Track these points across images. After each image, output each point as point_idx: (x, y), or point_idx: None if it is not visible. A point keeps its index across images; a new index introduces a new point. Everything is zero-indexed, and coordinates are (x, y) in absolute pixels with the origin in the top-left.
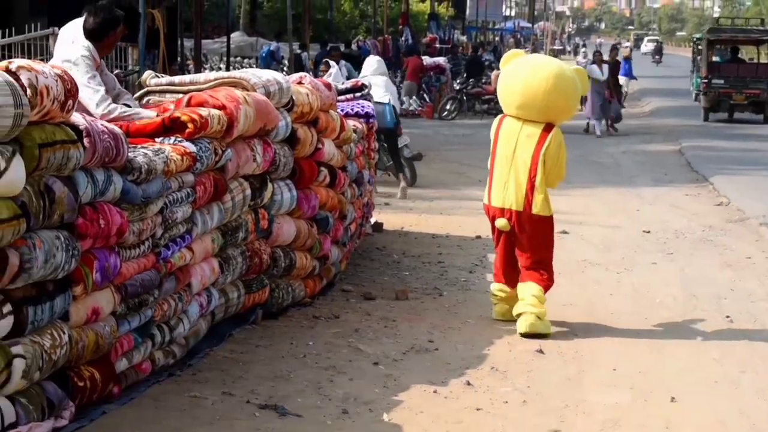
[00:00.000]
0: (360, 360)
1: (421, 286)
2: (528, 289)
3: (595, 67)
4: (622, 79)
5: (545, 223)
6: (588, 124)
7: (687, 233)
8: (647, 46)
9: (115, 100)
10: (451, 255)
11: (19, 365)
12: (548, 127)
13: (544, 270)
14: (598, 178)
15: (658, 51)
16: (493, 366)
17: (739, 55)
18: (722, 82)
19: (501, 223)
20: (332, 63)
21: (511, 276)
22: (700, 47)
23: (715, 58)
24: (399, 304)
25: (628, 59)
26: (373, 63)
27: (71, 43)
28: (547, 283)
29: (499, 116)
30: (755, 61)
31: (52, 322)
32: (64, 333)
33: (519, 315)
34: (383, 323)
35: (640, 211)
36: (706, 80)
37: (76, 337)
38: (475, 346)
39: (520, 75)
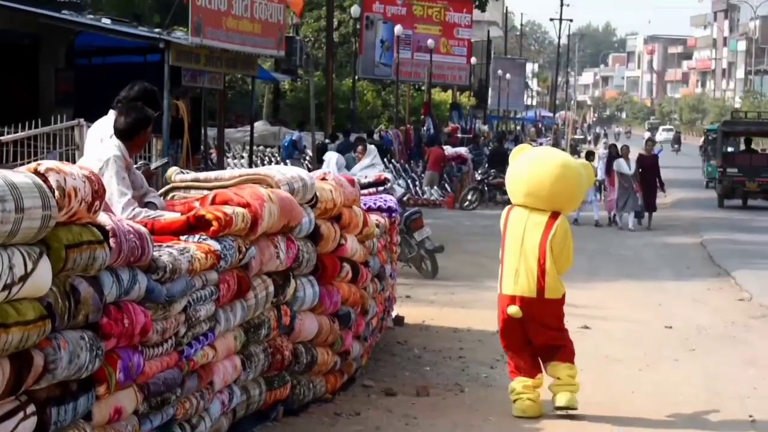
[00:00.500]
0: None
1: (442, 381)
2: (560, 370)
3: (622, 161)
4: None
5: (557, 304)
6: (611, 217)
7: (709, 329)
8: (662, 135)
9: (141, 198)
10: (472, 349)
11: None
12: (554, 215)
13: (563, 345)
14: (619, 271)
15: (677, 140)
16: None
17: (752, 146)
18: (736, 170)
19: (512, 310)
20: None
21: (528, 366)
22: (710, 138)
23: (729, 149)
24: (420, 401)
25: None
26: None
27: (100, 141)
28: (571, 356)
29: (508, 207)
30: (767, 151)
31: (75, 422)
32: None
33: (556, 392)
34: (404, 420)
35: (662, 305)
36: (721, 169)
37: None
38: None
39: (527, 166)
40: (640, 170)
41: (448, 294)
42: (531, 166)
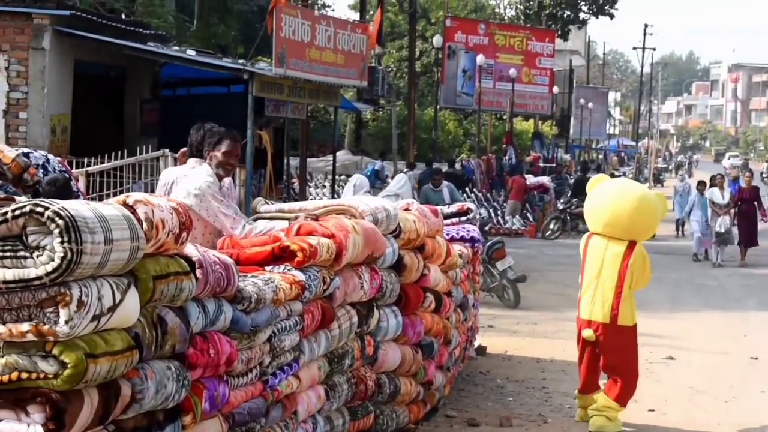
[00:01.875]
0: None
1: (525, 412)
2: (601, 399)
3: (715, 190)
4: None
5: (629, 333)
6: (697, 254)
7: None
8: (729, 161)
9: None
10: (555, 380)
11: None
12: (631, 245)
13: (622, 378)
14: (703, 302)
15: (746, 167)
16: None
17: None
18: None
19: (587, 333)
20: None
21: (592, 385)
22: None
23: None
24: (503, 431)
25: (736, 179)
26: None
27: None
28: (623, 397)
29: (587, 234)
30: None
31: None
32: None
33: (591, 417)
34: None
35: (747, 336)
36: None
37: None
38: None
39: (607, 197)
40: (739, 202)
41: (531, 324)
42: (611, 198)
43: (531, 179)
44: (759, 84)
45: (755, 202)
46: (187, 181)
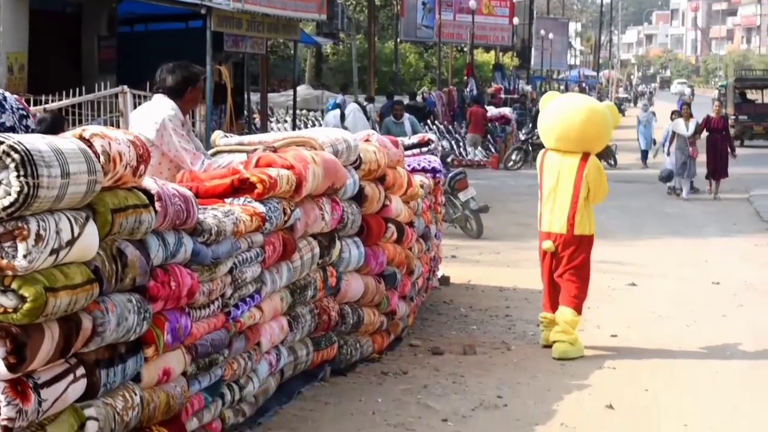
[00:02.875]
0: (429, 417)
1: (489, 340)
2: (562, 316)
3: (680, 121)
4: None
5: (586, 241)
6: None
7: (757, 284)
8: (677, 87)
9: None
10: (518, 308)
11: (91, 427)
12: (585, 157)
13: (575, 284)
14: (666, 229)
15: (692, 93)
16: (562, 422)
17: (756, 98)
18: (746, 117)
19: (547, 245)
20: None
21: (555, 302)
22: (722, 93)
23: (736, 100)
24: (467, 359)
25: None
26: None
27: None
28: (578, 302)
29: (542, 151)
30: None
31: (124, 384)
32: (135, 394)
33: (554, 342)
34: (452, 379)
35: (708, 262)
36: (734, 116)
37: (147, 399)
38: (544, 401)
39: (559, 111)
40: (707, 133)
41: (494, 253)
42: (561, 112)
43: (492, 110)
44: (719, 12)
45: (724, 133)
46: (148, 113)
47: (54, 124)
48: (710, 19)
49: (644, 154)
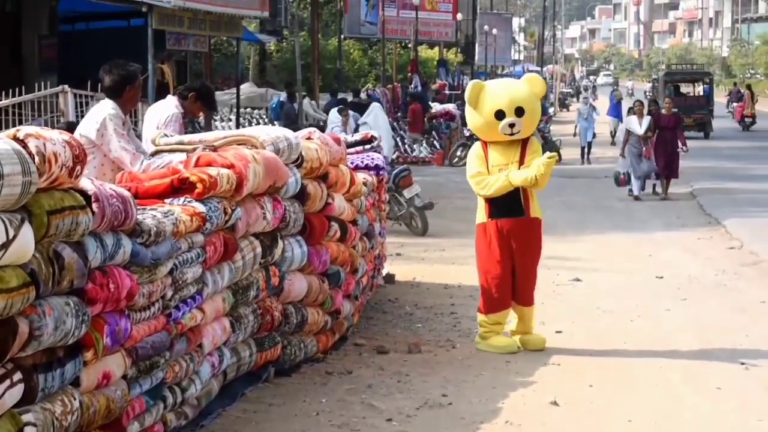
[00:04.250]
0: (373, 417)
1: (434, 338)
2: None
3: (633, 118)
4: (610, 121)
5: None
6: (617, 175)
7: (700, 278)
8: (602, 79)
9: None
10: (464, 305)
11: None
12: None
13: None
14: (609, 223)
15: (616, 83)
16: (507, 420)
17: (685, 91)
18: (677, 110)
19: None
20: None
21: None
22: (655, 85)
23: (666, 93)
24: (412, 358)
25: (620, 102)
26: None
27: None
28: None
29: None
30: (696, 94)
31: (63, 389)
32: (74, 399)
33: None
34: (396, 378)
35: (652, 256)
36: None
37: (87, 403)
38: (489, 399)
39: (483, 102)
40: (657, 131)
41: (439, 251)
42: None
43: (437, 107)
44: (661, 6)
45: (676, 131)
46: (92, 113)
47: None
48: (653, 13)
49: (584, 150)
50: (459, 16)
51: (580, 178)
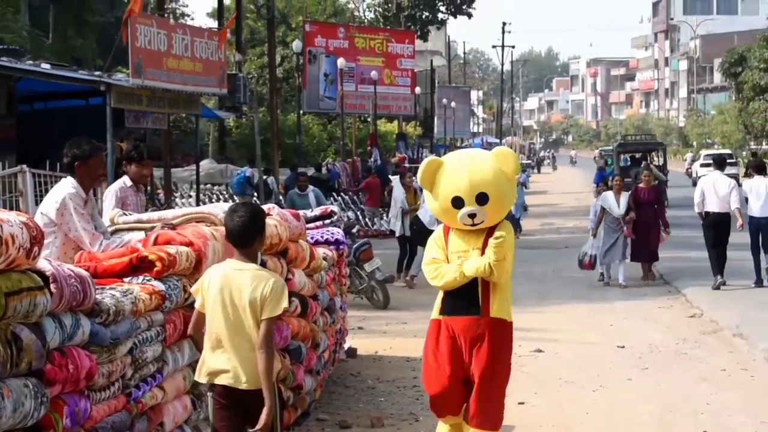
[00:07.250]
0: None
1: (397, 411)
2: None
3: (610, 195)
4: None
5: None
6: (582, 257)
7: (661, 347)
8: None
9: None
10: None
11: None
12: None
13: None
14: (570, 293)
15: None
16: None
17: (639, 160)
18: (631, 180)
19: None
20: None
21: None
22: (603, 154)
23: (621, 163)
24: None
25: (602, 169)
26: None
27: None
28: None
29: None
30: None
31: None
32: None
33: None
34: None
35: (613, 325)
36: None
37: None
38: None
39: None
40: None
41: (401, 324)
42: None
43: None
44: (617, 77)
45: (656, 206)
46: (52, 192)
47: None
48: (609, 84)
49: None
50: (417, 89)
51: (538, 249)
